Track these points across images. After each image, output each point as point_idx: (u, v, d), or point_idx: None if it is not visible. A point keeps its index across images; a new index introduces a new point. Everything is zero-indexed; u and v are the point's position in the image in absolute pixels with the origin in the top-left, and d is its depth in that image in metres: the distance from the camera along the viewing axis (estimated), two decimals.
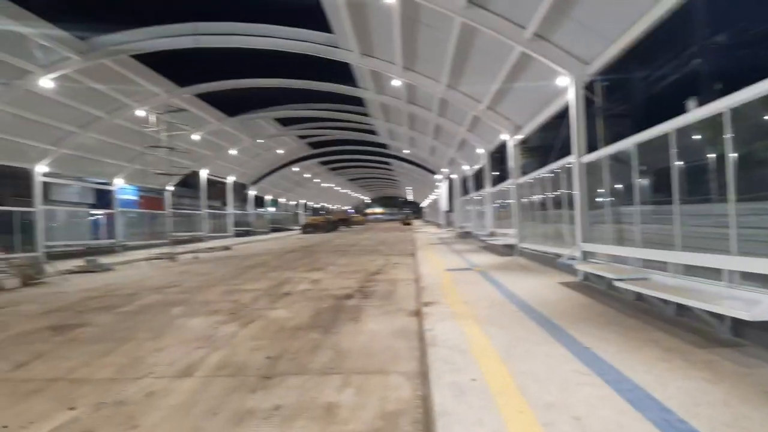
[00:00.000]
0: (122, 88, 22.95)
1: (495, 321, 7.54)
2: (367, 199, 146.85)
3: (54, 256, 23.50)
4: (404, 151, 44.26)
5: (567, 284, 10.98)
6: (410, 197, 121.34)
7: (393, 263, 18.84)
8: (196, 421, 4.77)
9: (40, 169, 24.38)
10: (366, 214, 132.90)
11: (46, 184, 25.61)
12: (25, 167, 24.10)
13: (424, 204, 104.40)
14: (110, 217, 32.55)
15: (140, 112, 25.33)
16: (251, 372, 6.11)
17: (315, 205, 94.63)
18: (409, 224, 76.26)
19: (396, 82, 21.02)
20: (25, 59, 17.79)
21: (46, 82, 18.76)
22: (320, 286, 13.14)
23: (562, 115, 13.77)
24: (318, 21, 18.13)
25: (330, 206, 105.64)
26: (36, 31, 16.43)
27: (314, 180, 73.70)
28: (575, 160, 12.42)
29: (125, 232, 33.15)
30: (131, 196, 38.28)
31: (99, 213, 33.51)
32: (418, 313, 8.93)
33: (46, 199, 26.55)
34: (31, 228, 24.28)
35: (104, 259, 21.76)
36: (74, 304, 11.70)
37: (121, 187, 32.38)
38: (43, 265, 16.89)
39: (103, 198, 33.52)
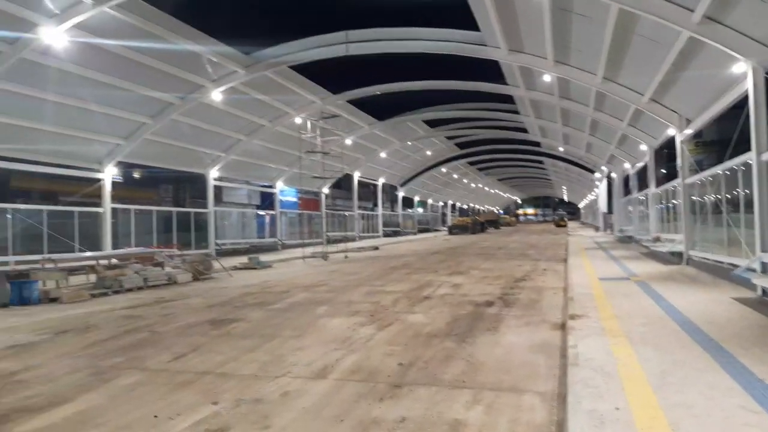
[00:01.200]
0: (282, 98, 24.73)
1: (650, 340, 6.74)
2: (518, 200, 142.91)
3: (223, 253, 26.01)
4: (558, 149, 42.19)
5: (742, 300, 9.54)
6: (565, 197, 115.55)
7: (541, 269, 17.97)
8: (322, 426, 4.81)
9: (213, 173, 27.13)
10: (517, 215, 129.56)
11: (217, 187, 28.46)
12: (201, 172, 27.03)
13: (581, 204, 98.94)
14: (272, 218, 35.25)
15: (298, 119, 27.05)
16: (382, 378, 6.08)
17: (463, 206, 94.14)
18: (563, 226, 72.72)
19: (547, 77, 20.06)
20: (198, 74, 19.91)
21: (217, 95, 20.82)
22: (461, 291, 12.90)
23: (741, 105, 12.04)
24: (464, 20, 17.95)
25: (478, 207, 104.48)
26: (207, 48, 18.25)
27: (462, 180, 73.36)
28: (755, 157, 10.77)
29: (285, 231, 35.70)
30: (291, 198, 41.10)
31: (262, 213, 36.44)
32: (562, 327, 8.33)
33: (218, 200, 29.52)
34: (205, 227, 27.15)
35: (265, 257, 23.57)
36: (233, 299, 12.75)
37: (282, 189, 34.91)
38: (211, 261, 18.70)
39: (266, 199, 36.38)
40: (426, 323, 9.14)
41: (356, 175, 42.82)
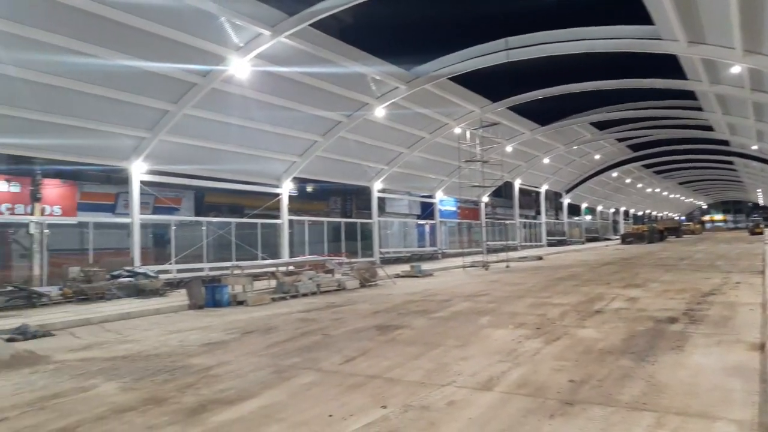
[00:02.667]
0: (441, 109, 25.13)
1: None
2: (703, 205, 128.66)
3: (386, 261, 27.03)
4: (752, 147, 37.32)
5: None
6: (761, 201, 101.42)
7: (733, 282, 15.93)
8: None
9: (377, 186, 28.39)
10: (702, 222, 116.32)
11: (380, 199, 29.76)
12: (366, 185, 28.49)
13: None
14: (432, 227, 35.82)
15: (457, 130, 27.23)
16: (551, 395, 5.81)
17: (637, 213, 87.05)
18: (759, 233, 63.81)
19: (735, 69, 18.04)
20: (363, 93, 21.06)
21: (380, 111, 21.84)
22: (637, 306, 11.89)
23: None
24: (634, 14, 16.77)
25: (655, 213, 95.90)
26: (371, 68, 19.22)
27: (636, 185, 67.96)
28: None
29: (445, 240, 36.06)
30: (451, 207, 41.39)
31: (423, 223, 37.17)
32: (762, 348, 7.29)
33: (381, 211, 30.81)
34: (370, 236, 28.53)
35: (425, 266, 23.99)
36: (397, 306, 13.13)
37: (442, 199, 35.31)
38: (376, 269, 19.50)
39: (427, 209, 37.07)
40: (598, 339, 8.57)
41: (517, 183, 41.83)
